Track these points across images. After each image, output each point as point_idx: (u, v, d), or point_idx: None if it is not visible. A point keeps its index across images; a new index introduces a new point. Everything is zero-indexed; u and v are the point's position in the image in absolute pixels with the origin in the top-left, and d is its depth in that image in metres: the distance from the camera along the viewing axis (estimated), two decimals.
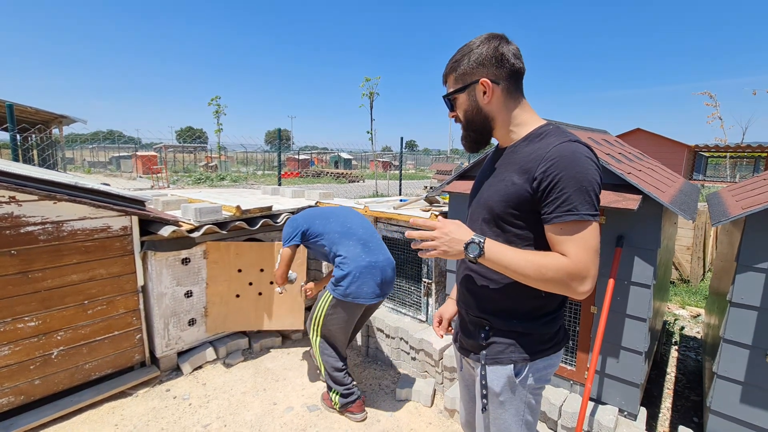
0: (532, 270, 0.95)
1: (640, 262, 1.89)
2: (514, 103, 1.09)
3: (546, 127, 1.07)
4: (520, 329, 1.10)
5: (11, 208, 2.07)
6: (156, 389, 2.60)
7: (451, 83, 1.13)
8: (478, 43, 1.07)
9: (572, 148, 0.96)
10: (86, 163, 27.76)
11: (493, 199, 1.08)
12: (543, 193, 0.98)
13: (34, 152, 14.24)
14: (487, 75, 1.06)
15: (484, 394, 1.13)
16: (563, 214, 0.95)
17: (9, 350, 2.14)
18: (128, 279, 2.54)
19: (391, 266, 2.36)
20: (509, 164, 1.08)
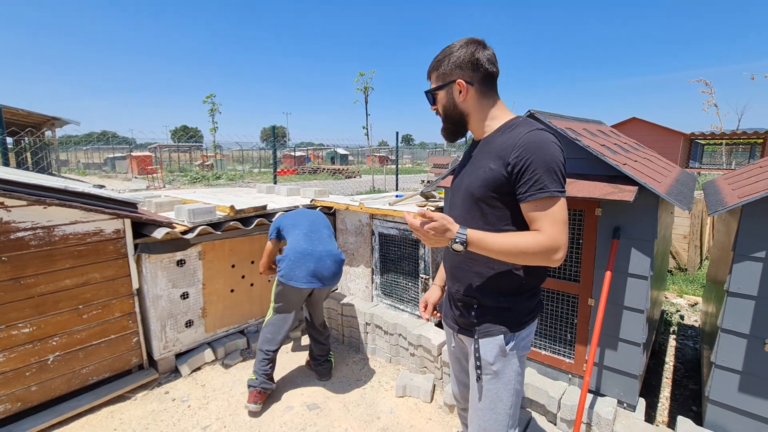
0: (513, 249, 1.09)
1: (637, 253, 1.88)
2: (487, 101, 1.25)
3: (516, 120, 1.22)
4: (506, 305, 1.25)
5: (0, 214, 2.04)
6: (155, 392, 2.59)
7: (433, 80, 1.28)
8: (458, 46, 1.22)
9: (539, 135, 1.12)
10: (81, 164, 27.58)
11: (474, 184, 1.22)
12: (517, 176, 1.12)
13: (27, 155, 14.11)
14: (462, 77, 1.21)
15: (478, 365, 1.28)
16: (536, 192, 1.10)
17: (4, 357, 2.12)
18: (123, 282, 2.52)
19: (330, 257, 2.47)
20: (485, 153, 1.22)
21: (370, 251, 3.17)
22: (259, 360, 2.46)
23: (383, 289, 3.17)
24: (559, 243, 1.09)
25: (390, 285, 3.11)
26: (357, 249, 3.26)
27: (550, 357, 2.25)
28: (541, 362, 2.30)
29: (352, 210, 3.14)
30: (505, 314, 1.26)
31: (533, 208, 1.12)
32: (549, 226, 1.09)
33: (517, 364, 1.29)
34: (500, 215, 1.20)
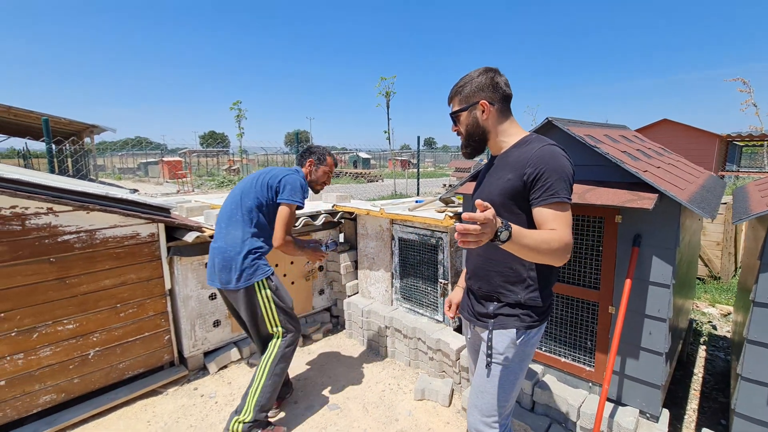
0: (543, 243, 1.15)
1: (658, 261, 1.86)
2: (504, 120, 1.41)
3: (529, 136, 1.38)
4: (524, 303, 1.38)
5: (49, 218, 2.22)
6: (184, 388, 2.72)
7: (456, 104, 1.44)
8: (478, 73, 1.39)
9: (551, 150, 1.27)
10: (116, 169, 28.95)
11: (493, 193, 1.37)
12: (531, 184, 1.27)
13: (68, 161, 14.95)
14: (484, 98, 1.37)
15: (489, 354, 1.41)
16: (549, 197, 1.23)
17: (50, 351, 2.30)
18: (156, 283, 2.68)
19: (221, 254, 2.18)
20: (503, 166, 1.37)
21: (390, 255, 3.22)
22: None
23: (403, 293, 3.21)
24: (570, 242, 1.21)
25: (409, 289, 3.16)
26: (377, 253, 3.32)
27: (569, 364, 2.23)
28: (560, 369, 2.28)
29: (373, 215, 3.21)
30: (522, 311, 1.39)
31: (546, 211, 1.25)
32: (562, 226, 1.22)
33: (523, 359, 1.42)
34: (516, 220, 1.30)
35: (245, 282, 2.15)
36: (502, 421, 1.44)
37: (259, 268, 2.20)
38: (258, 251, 2.21)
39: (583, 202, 1.86)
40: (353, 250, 3.62)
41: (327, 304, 3.72)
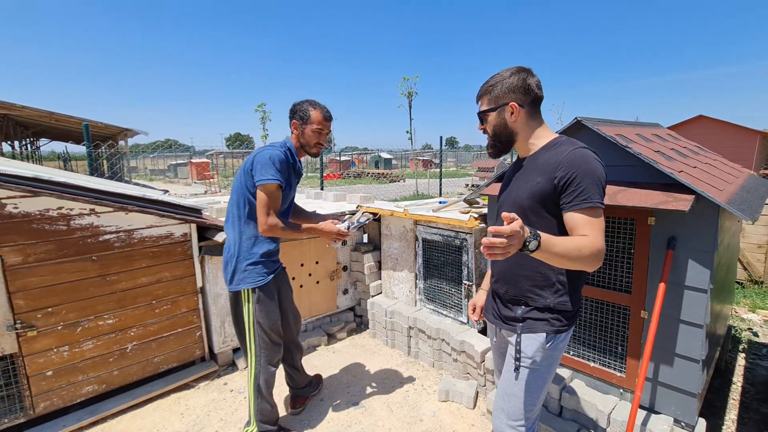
0: (575, 251, 1.13)
1: (694, 265, 1.79)
2: (533, 122, 1.38)
3: (559, 139, 1.36)
4: (553, 306, 1.37)
5: (91, 219, 2.35)
6: (215, 382, 2.82)
7: (484, 103, 1.41)
8: (510, 73, 1.35)
9: (583, 153, 1.25)
10: (148, 171, 30.11)
11: (521, 196, 1.35)
12: (562, 188, 1.24)
13: (104, 163, 15.67)
14: (515, 99, 1.34)
15: (518, 357, 1.40)
16: (581, 202, 1.21)
17: (92, 344, 2.43)
18: (189, 281, 2.78)
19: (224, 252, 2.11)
20: (532, 168, 1.35)
21: (413, 256, 3.23)
22: None
23: (426, 294, 3.21)
24: (602, 247, 1.19)
25: (433, 290, 3.16)
26: (401, 254, 3.34)
27: (599, 369, 2.18)
28: (590, 374, 2.23)
29: (397, 216, 3.23)
30: (551, 315, 1.38)
31: (578, 216, 1.22)
32: (594, 231, 1.20)
33: (552, 363, 1.41)
34: (545, 224, 1.31)
35: (234, 285, 2.04)
36: (528, 425, 1.42)
37: (249, 276, 2.01)
38: (255, 256, 2.02)
39: (614, 204, 1.82)
40: (377, 251, 3.65)
41: (351, 304, 3.77)
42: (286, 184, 2.02)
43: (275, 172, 1.91)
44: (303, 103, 2.07)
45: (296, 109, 2.07)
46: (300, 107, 2.06)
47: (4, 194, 2.07)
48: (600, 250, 1.18)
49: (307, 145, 2.08)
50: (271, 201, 1.92)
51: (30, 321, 2.21)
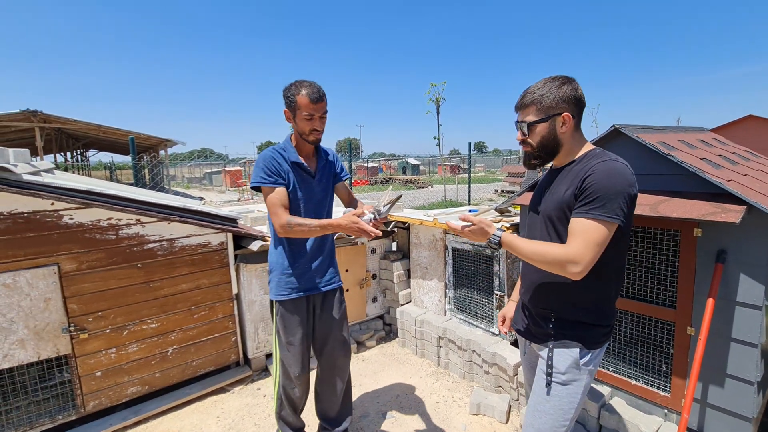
0: (537, 256, 1.26)
1: (746, 279, 1.69)
2: (577, 133, 1.39)
3: (594, 150, 1.35)
4: (586, 321, 1.35)
5: (137, 228, 2.49)
6: (249, 387, 2.90)
7: (531, 113, 1.36)
8: (560, 83, 1.33)
9: (609, 165, 1.24)
10: (185, 179, 31.52)
11: (551, 206, 1.36)
12: (580, 195, 1.26)
13: (145, 172, 16.53)
14: (568, 110, 1.32)
15: (549, 372, 1.37)
16: (583, 212, 1.23)
17: (137, 347, 2.56)
18: (225, 288, 2.89)
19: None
20: (564, 179, 1.36)
21: (443, 265, 3.21)
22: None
23: (456, 304, 3.18)
24: (578, 259, 1.20)
25: (463, 300, 3.12)
26: (430, 263, 3.32)
27: (642, 388, 2.08)
28: (631, 393, 2.13)
29: (426, 225, 3.22)
30: (584, 330, 1.35)
31: (575, 223, 1.25)
32: (578, 242, 1.21)
33: (586, 380, 1.36)
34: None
35: (270, 294, 2.03)
36: None
37: (274, 287, 1.98)
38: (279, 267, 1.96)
39: (656, 215, 1.74)
40: (406, 259, 3.65)
41: (380, 312, 3.78)
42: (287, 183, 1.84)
43: (259, 173, 1.82)
44: (289, 87, 1.81)
45: (284, 96, 1.83)
46: (286, 93, 1.81)
47: (62, 206, 2.23)
48: (572, 260, 1.20)
49: (303, 133, 1.85)
50: (272, 204, 1.81)
51: (82, 324, 2.36)
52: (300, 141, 1.90)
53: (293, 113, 1.81)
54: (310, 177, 1.93)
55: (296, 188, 1.88)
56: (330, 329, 2.08)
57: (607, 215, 1.19)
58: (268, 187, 1.81)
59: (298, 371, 2.01)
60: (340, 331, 2.11)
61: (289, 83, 1.82)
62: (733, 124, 12.17)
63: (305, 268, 1.96)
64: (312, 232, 1.78)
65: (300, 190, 1.90)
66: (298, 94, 1.76)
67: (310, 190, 1.93)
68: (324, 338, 2.08)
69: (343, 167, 2.12)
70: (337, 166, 2.07)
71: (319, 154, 1.99)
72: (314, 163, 1.98)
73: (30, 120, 12.04)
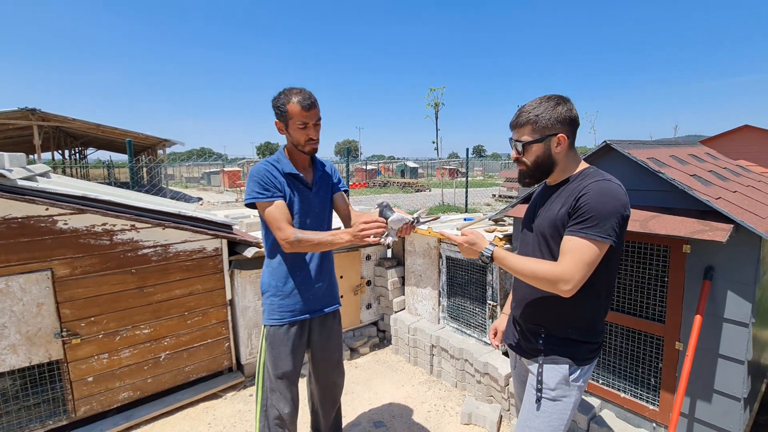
0: (528, 272, 1.28)
1: (734, 297, 1.70)
2: (571, 152, 1.39)
3: (588, 170, 1.37)
4: (576, 338, 1.36)
5: (132, 234, 2.50)
6: (241, 393, 2.90)
7: (527, 133, 1.37)
8: (555, 103, 1.33)
9: (603, 185, 1.25)
10: (183, 178, 31.47)
11: (544, 225, 1.38)
12: (573, 214, 1.27)
13: (144, 172, 16.49)
14: (563, 130, 1.33)
15: (539, 388, 1.38)
16: (576, 231, 1.24)
17: (129, 353, 2.56)
18: (219, 294, 2.89)
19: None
20: (559, 198, 1.36)
21: (437, 274, 3.22)
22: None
23: (450, 312, 3.19)
24: (569, 277, 1.21)
25: (457, 309, 3.13)
26: (425, 271, 3.33)
27: (630, 401, 2.09)
28: (620, 405, 2.15)
29: (421, 233, 3.23)
30: (573, 347, 1.36)
31: (567, 241, 1.26)
32: (569, 261, 1.23)
33: (576, 396, 1.38)
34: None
35: (263, 318, 1.85)
36: None
37: (266, 309, 1.82)
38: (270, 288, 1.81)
39: (646, 231, 1.76)
40: (400, 266, 3.66)
41: (374, 319, 3.79)
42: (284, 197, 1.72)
43: (254, 188, 1.69)
44: (278, 97, 1.69)
45: (274, 106, 1.71)
46: (276, 103, 1.69)
47: (56, 211, 2.23)
48: (562, 278, 1.21)
49: (298, 144, 1.73)
50: (271, 217, 1.67)
51: (74, 329, 2.36)
52: (295, 152, 1.79)
53: (285, 123, 1.71)
54: (307, 189, 1.81)
55: (293, 201, 1.76)
56: (328, 354, 1.95)
57: (600, 235, 1.20)
58: (265, 201, 1.68)
59: (288, 409, 1.80)
60: (338, 354, 2.00)
61: (277, 93, 1.71)
62: (729, 133, 12.26)
63: (304, 287, 1.79)
64: (322, 246, 1.65)
65: (297, 204, 1.77)
66: (288, 102, 1.65)
67: (307, 202, 1.81)
68: (320, 363, 1.95)
69: (340, 178, 2.01)
70: (334, 176, 1.98)
71: (315, 165, 1.90)
72: (310, 174, 1.86)
73: (28, 118, 12.02)
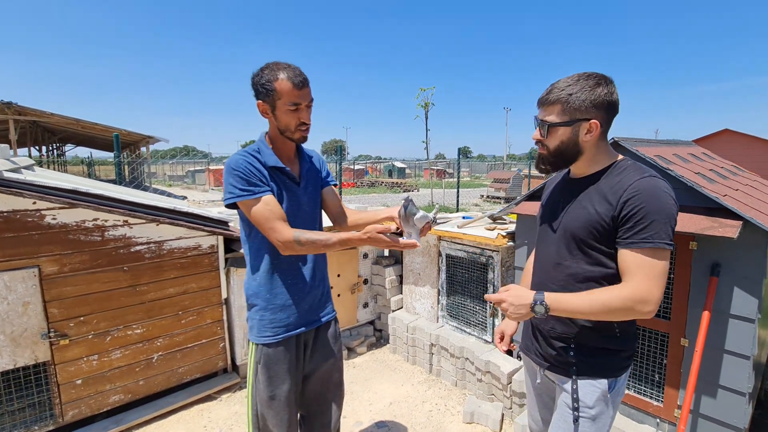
0: (599, 307, 1.08)
1: (740, 293, 1.72)
2: (602, 142, 1.21)
3: (624, 162, 1.19)
4: (611, 347, 1.21)
5: (125, 230, 2.39)
6: (237, 395, 2.82)
7: (555, 113, 1.17)
8: (594, 83, 1.13)
9: (653, 183, 1.09)
10: (167, 176, 30.78)
11: (575, 225, 1.19)
12: (623, 220, 1.09)
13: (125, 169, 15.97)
14: (597, 117, 1.14)
15: (576, 407, 1.22)
16: (640, 241, 1.07)
17: (120, 354, 2.45)
18: (214, 292, 2.80)
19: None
20: (591, 194, 1.18)
21: (436, 272, 3.20)
22: None
23: (449, 311, 3.17)
24: (647, 297, 1.05)
25: (456, 307, 3.11)
26: (423, 269, 3.31)
27: (634, 397, 2.10)
28: (624, 401, 2.15)
29: None
30: (609, 357, 1.22)
31: (632, 256, 1.08)
32: (641, 278, 1.06)
33: (614, 409, 1.26)
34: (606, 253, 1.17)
35: (250, 335, 1.59)
36: None
37: (255, 324, 1.55)
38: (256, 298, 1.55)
39: None
40: (398, 264, 3.62)
41: (371, 318, 3.74)
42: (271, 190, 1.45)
43: (235, 184, 1.40)
44: (261, 72, 1.40)
45: (256, 83, 1.41)
46: (259, 80, 1.39)
47: (44, 206, 2.12)
48: (642, 299, 1.04)
49: (287, 130, 1.44)
50: (262, 217, 1.40)
51: (63, 330, 2.24)
52: (279, 140, 1.49)
53: (271, 105, 1.41)
54: (294, 185, 1.53)
55: (280, 199, 1.48)
56: (326, 371, 1.68)
57: (664, 241, 1.05)
58: (251, 199, 1.39)
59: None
60: (338, 373, 1.74)
61: (259, 68, 1.41)
62: (711, 137, 12.64)
63: (300, 296, 1.55)
64: (328, 248, 1.41)
65: (285, 202, 1.49)
66: (275, 79, 1.37)
67: (295, 200, 1.53)
68: (317, 381, 1.67)
69: (329, 171, 1.75)
70: (322, 170, 1.70)
71: (301, 157, 1.61)
72: (296, 166, 1.58)
73: (4, 112, 11.54)
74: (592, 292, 1.11)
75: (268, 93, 1.39)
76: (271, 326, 1.52)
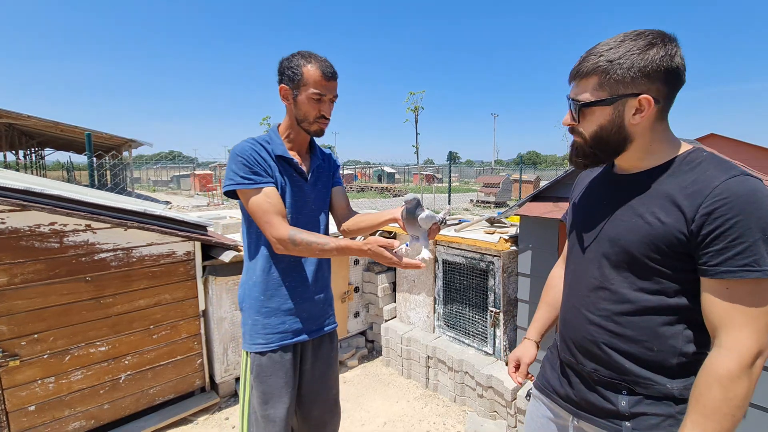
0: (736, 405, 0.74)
1: None
2: (660, 125, 0.87)
3: (698, 153, 0.85)
4: (677, 392, 0.85)
5: (87, 235, 2.14)
6: (215, 417, 2.56)
7: (591, 87, 0.86)
8: (644, 44, 0.81)
9: (751, 186, 0.76)
10: (151, 181, 30.08)
11: (627, 238, 0.88)
12: (707, 238, 0.77)
13: (107, 174, 15.53)
14: (649, 91, 0.82)
15: None
16: (738, 269, 0.75)
17: (81, 375, 2.19)
18: (190, 304, 2.55)
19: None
20: (649, 197, 0.87)
21: (432, 279, 3.00)
22: None
23: (446, 320, 2.97)
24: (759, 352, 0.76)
25: (454, 316, 2.91)
26: (418, 276, 3.11)
27: None
28: None
29: None
30: (678, 407, 0.87)
31: (724, 291, 0.77)
32: (751, 327, 0.75)
33: None
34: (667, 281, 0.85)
35: (243, 343, 1.46)
36: None
37: (249, 330, 1.41)
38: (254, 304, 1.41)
39: None
40: (391, 271, 3.42)
41: (362, 328, 3.52)
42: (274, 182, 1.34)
43: (237, 171, 1.30)
44: (292, 58, 1.34)
45: (283, 67, 1.35)
46: (288, 64, 1.34)
47: None
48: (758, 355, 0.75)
49: (305, 120, 1.36)
50: (259, 208, 1.29)
51: (13, 349, 1.97)
52: (295, 131, 1.40)
53: (296, 90, 1.33)
54: (301, 179, 1.42)
55: (284, 193, 1.37)
56: (323, 389, 1.53)
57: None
58: (251, 189, 1.29)
59: None
60: (334, 390, 1.59)
61: (290, 54, 1.35)
62: (697, 141, 12.78)
63: (298, 300, 1.43)
64: (324, 254, 1.28)
65: (288, 196, 1.38)
66: (305, 66, 1.30)
67: (301, 196, 1.42)
68: (312, 400, 1.52)
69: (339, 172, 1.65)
70: (334, 169, 1.60)
71: (313, 151, 1.50)
72: (308, 161, 1.47)
73: None
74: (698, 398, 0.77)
75: (294, 77, 1.33)
76: (263, 332, 1.38)
